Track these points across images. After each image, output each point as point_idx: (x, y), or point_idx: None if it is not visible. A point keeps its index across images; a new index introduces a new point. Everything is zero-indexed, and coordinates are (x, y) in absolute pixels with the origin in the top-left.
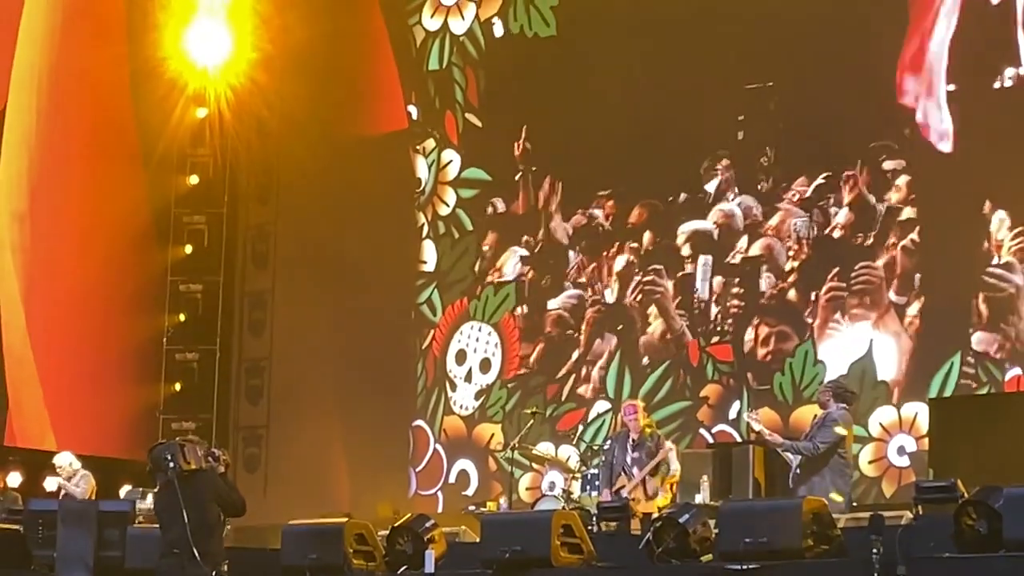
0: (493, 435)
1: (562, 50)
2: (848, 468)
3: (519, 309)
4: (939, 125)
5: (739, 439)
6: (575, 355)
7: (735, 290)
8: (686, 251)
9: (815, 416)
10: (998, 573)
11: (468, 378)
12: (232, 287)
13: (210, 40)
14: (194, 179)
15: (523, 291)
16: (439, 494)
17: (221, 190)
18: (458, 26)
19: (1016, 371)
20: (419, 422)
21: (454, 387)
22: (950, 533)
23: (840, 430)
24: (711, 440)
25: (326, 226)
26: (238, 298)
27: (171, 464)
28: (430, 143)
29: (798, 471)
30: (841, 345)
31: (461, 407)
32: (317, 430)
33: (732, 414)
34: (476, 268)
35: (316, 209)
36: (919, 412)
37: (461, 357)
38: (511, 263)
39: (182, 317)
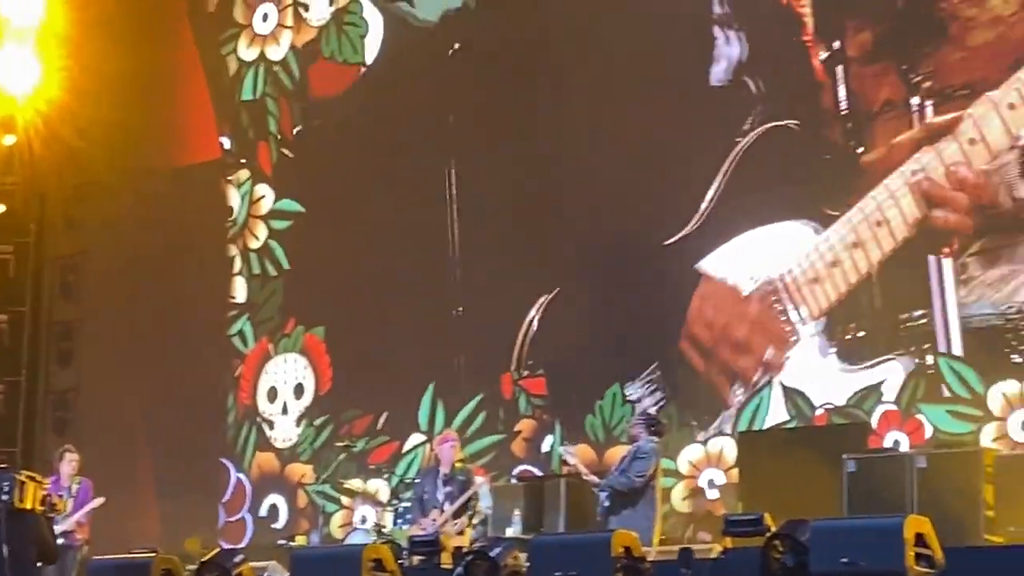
0: (304, 475)
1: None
2: (656, 502)
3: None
4: None
5: (539, 474)
6: (391, 386)
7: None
8: None
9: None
10: None
11: (284, 410)
12: (39, 317)
13: (18, 66)
14: (1, 208)
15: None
16: (246, 516)
17: (29, 219)
18: (273, 55)
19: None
20: (223, 459)
21: (272, 426)
22: (758, 566)
23: (653, 462)
24: (515, 482)
25: (138, 256)
26: (45, 328)
27: (4, 496)
28: (243, 174)
29: (607, 504)
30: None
31: (283, 440)
32: (126, 462)
33: (546, 447)
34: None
35: (128, 238)
36: (724, 446)
37: (272, 395)
38: None
39: None
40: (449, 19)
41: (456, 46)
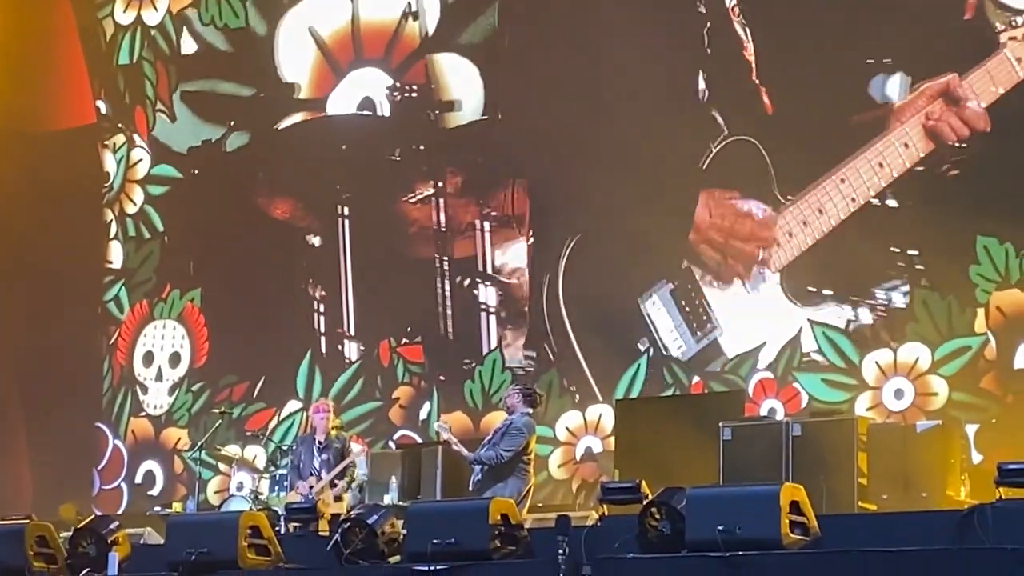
0: (180, 439)
1: (254, 42)
2: (529, 476)
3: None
4: None
5: (420, 441)
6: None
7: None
8: None
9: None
10: (681, 573)
11: (159, 377)
12: None
13: None
14: None
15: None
16: (123, 486)
17: None
18: (150, 19)
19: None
20: (99, 424)
21: (145, 390)
22: (635, 534)
23: (524, 439)
24: (394, 448)
25: (11, 222)
26: None
27: None
28: (119, 138)
29: (479, 478)
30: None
31: (155, 407)
32: None
33: (423, 415)
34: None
35: (2, 202)
36: (603, 413)
37: (148, 359)
38: None
39: None
40: None
41: None
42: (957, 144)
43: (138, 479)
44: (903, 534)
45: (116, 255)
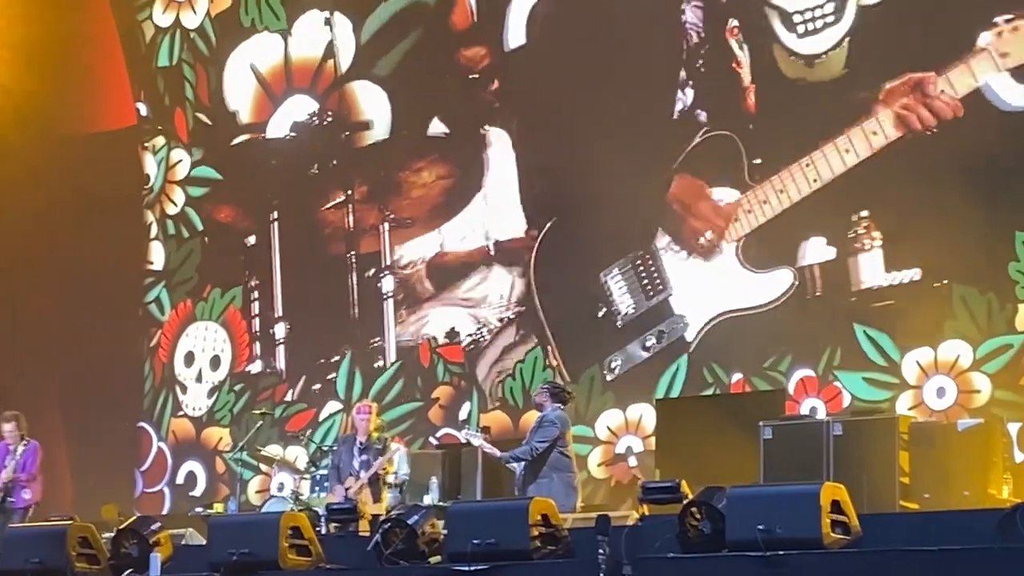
0: (221, 439)
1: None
2: (572, 469)
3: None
4: None
5: (463, 441)
6: (308, 355)
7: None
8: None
9: None
10: (721, 572)
11: (199, 378)
12: None
13: None
14: None
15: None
16: (165, 489)
17: None
18: (189, 22)
19: (739, 375)
20: (143, 424)
21: (184, 390)
22: (675, 533)
23: (557, 430)
24: (434, 442)
25: (52, 223)
26: None
27: None
28: (159, 140)
29: (523, 474)
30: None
31: (193, 408)
32: (39, 431)
33: (463, 414)
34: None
35: (42, 206)
36: (644, 413)
37: (189, 359)
38: None
39: None
40: None
41: None
42: (927, 132)
43: (180, 480)
44: (945, 533)
45: (157, 256)
